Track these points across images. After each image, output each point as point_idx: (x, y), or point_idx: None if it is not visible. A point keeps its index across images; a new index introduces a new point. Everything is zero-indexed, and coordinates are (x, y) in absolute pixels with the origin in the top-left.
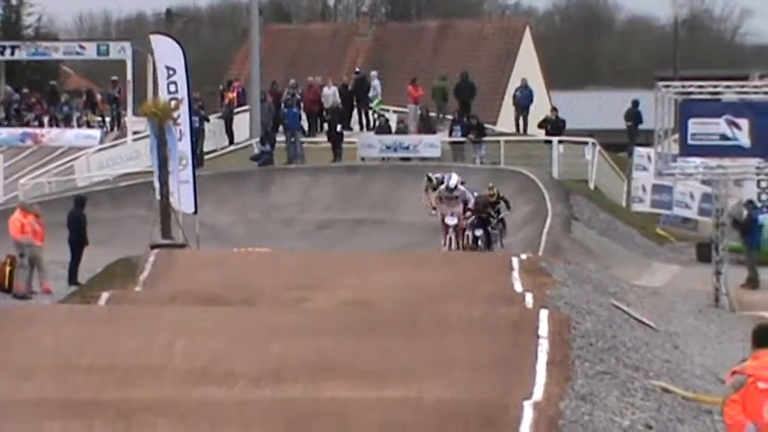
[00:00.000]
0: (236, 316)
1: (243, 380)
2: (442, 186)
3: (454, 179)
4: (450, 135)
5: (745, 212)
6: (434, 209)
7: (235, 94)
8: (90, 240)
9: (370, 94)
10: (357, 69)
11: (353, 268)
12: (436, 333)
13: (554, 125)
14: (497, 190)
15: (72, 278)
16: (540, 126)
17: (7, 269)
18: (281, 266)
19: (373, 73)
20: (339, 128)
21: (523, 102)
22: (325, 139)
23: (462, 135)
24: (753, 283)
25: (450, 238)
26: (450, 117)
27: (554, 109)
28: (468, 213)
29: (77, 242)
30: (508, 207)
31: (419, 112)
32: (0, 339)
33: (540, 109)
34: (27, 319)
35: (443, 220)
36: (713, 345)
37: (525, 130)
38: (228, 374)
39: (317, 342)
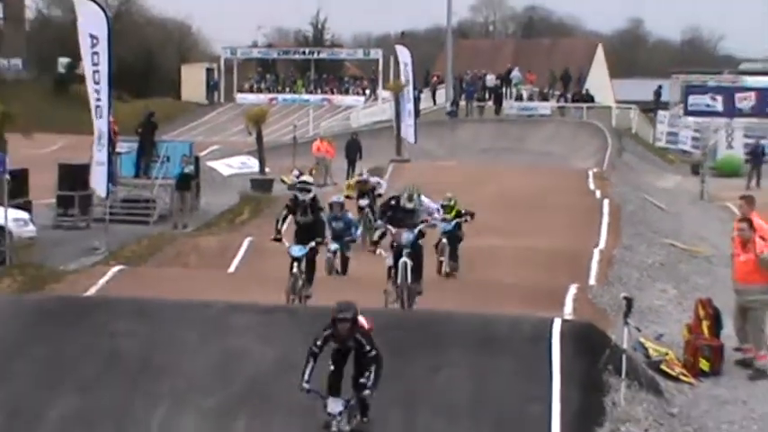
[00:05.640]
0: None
1: None
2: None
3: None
4: (558, 101)
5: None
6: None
7: (436, 79)
8: (358, 158)
9: (513, 79)
10: (509, 66)
11: (500, 173)
12: (545, 211)
13: (584, 98)
14: (455, 200)
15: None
16: (573, 99)
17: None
18: (460, 171)
19: (516, 68)
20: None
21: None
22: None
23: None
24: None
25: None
26: (557, 93)
27: (579, 89)
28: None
29: (351, 159)
30: (471, 216)
31: (536, 89)
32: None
33: (604, 91)
34: None
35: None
36: (698, 219)
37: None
38: None
39: (480, 215)
